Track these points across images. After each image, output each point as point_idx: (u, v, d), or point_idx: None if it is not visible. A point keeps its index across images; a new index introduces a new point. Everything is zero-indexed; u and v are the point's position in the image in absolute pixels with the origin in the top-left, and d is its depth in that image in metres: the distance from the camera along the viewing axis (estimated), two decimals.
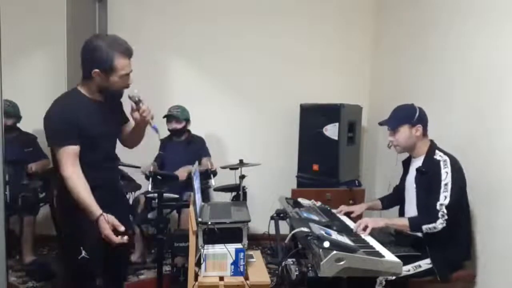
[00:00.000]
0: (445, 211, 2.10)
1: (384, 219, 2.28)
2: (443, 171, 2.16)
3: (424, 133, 2.33)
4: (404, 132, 2.30)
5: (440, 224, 2.10)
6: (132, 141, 2.22)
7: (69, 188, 1.87)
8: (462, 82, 2.62)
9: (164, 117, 3.62)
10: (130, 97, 1.99)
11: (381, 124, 2.44)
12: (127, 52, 1.92)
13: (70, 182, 1.87)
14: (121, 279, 2.38)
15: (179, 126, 3.64)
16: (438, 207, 2.11)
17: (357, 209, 2.64)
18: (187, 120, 3.68)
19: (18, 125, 3.56)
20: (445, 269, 2.19)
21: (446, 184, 2.13)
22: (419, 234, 2.25)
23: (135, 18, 4.06)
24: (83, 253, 1.98)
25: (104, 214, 1.86)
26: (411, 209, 2.37)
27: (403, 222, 2.22)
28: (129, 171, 3.49)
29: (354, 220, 2.46)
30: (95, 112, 1.99)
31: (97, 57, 1.87)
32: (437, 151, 2.26)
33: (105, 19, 4.02)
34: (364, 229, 2.17)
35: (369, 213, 3.00)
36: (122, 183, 3.00)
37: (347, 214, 2.61)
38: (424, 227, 2.13)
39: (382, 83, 4.02)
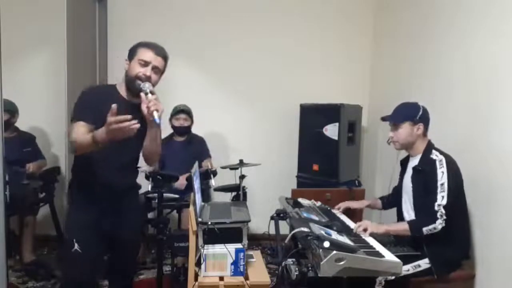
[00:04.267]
0: (443, 211, 2.10)
1: (384, 226, 2.27)
2: (439, 171, 2.17)
3: (425, 133, 2.33)
4: (406, 129, 2.31)
5: (439, 224, 2.10)
6: (150, 150, 2.12)
7: (78, 146, 1.88)
8: (462, 82, 2.62)
9: (173, 113, 3.62)
10: (140, 88, 1.94)
11: (383, 119, 2.44)
12: (151, 46, 2.06)
13: (75, 143, 1.88)
14: (128, 279, 2.39)
15: (186, 123, 3.63)
16: (436, 207, 2.11)
17: (357, 205, 2.65)
18: (192, 120, 3.69)
19: (17, 125, 3.55)
20: (443, 269, 2.20)
21: (442, 184, 2.14)
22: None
23: (135, 18, 4.06)
24: (76, 246, 2.01)
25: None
26: (408, 207, 2.37)
27: (403, 227, 2.21)
28: None
29: (354, 220, 2.46)
30: (119, 109, 1.93)
31: (130, 50, 2.09)
32: (433, 151, 2.27)
33: (105, 19, 4.02)
34: (364, 231, 2.18)
35: (369, 213, 3.01)
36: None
37: (347, 213, 2.61)
38: (425, 229, 2.13)
39: (382, 83, 4.02)
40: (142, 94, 1.92)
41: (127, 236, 2.19)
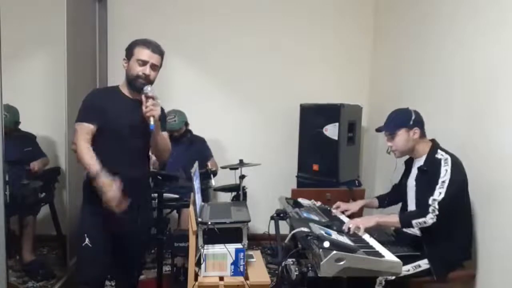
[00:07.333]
0: (437, 206, 2.09)
1: (375, 217, 2.26)
2: (442, 168, 2.16)
3: (422, 135, 2.33)
4: (402, 136, 2.31)
5: (430, 219, 2.09)
6: (156, 149, 2.26)
7: (76, 155, 2.05)
8: (462, 82, 2.62)
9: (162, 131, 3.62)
10: (143, 91, 2.07)
11: (378, 130, 2.44)
12: (147, 44, 2.14)
13: (77, 149, 2.04)
14: (134, 276, 2.43)
15: (178, 133, 3.64)
16: (430, 201, 2.10)
17: (353, 206, 2.64)
18: (185, 123, 3.68)
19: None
20: (442, 269, 2.19)
21: (443, 181, 2.13)
22: (418, 233, 2.25)
23: (135, 18, 4.06)
24: (86, 241, 2.09)
25: (109, 176, 1.95)
26: (412, 208, 2.36)
27: (393, 219, 2.22)
28: None
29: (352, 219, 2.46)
30: (124, 106, 2.13)
31: (126, 49, 2.18)
32: (439, 150, 2.26)
33: (105, 19, 4.02)
34: (357, 229, 2.17)
35: (369, 212, 3.00)
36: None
37: (345, 213, 2.61)
38: (414, 222, 2.12)
39: (382, 83, 4.02)
40: (142, 97, 2.06)
41: (137, 235, 2.23)
